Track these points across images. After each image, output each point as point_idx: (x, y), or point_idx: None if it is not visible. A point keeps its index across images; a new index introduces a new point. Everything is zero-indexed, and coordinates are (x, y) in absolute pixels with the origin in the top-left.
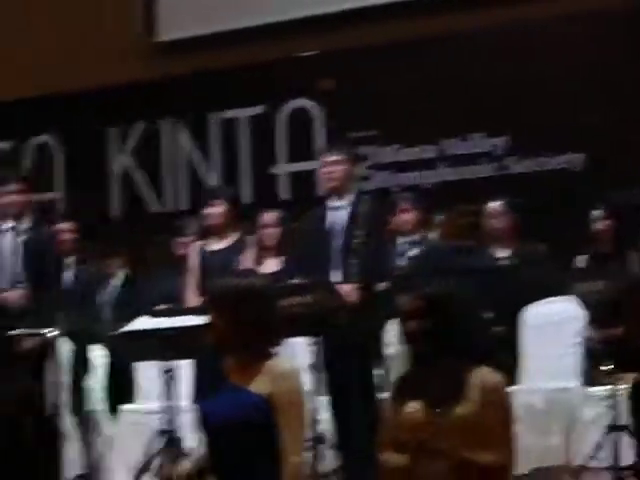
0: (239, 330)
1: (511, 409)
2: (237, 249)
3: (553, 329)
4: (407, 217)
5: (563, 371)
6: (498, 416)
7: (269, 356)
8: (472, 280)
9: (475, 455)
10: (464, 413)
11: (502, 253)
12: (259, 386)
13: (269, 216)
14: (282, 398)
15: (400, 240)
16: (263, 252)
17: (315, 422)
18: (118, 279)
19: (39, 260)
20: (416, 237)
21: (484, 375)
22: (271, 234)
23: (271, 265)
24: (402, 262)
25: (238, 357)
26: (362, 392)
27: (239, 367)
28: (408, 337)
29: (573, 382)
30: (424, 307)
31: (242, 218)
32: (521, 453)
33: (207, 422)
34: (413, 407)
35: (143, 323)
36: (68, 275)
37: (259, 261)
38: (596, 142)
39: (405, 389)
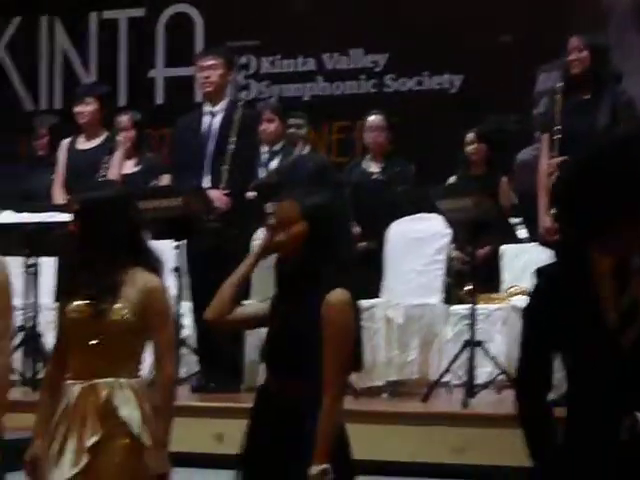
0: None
1: (169, 311)
2: (105, 148)
3: (416, 246)
4: (271, 127)
5: (424, 287)
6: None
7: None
8: (341, 194)
9: None
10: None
11: (374, 168)
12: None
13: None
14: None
15: (263, 149)
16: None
17: (179, 327)
18: None
19: None
20: (277, 147)
21: (143, 276)
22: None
23: (129, 166)
24: (263, 172)
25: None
26: None
27: None
28: None
29: (433, 299)
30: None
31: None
32: (380, 366)
33: None
34: (76, 306)
35: (6, 217)
36: None
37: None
38: (474, 66)
39: (71, 289)
